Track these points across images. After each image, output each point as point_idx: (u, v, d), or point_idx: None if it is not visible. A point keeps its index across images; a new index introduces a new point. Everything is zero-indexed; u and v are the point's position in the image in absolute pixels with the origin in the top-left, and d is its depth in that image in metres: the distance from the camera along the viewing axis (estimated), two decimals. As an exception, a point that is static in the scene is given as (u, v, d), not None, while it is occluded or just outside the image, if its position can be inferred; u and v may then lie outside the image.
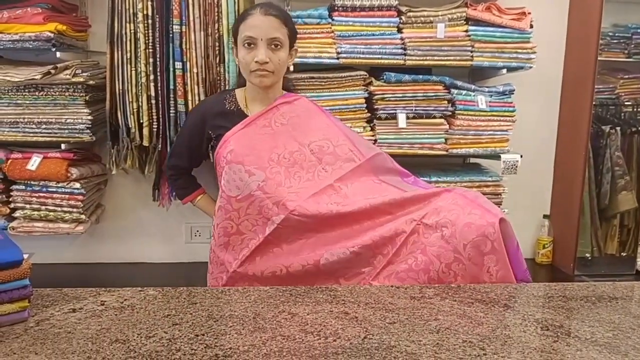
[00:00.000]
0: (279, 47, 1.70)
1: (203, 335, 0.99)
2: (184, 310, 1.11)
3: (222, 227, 1.70)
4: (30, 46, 2.14)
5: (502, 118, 2.41)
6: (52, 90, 2.21)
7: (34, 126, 2.24)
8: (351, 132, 1.89)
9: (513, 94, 2.44)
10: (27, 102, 2.22)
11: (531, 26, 2.37)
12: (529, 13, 2.37)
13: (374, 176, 1.75)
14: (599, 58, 2.51)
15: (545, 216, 2.83)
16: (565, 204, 2.74)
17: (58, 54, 2.18)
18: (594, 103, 2.56)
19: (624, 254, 2.96)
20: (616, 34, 2.90)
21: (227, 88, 2.18)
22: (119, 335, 0.99)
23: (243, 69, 1.74)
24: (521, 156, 2.39)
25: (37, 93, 2.21)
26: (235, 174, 1.66)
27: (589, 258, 2.84)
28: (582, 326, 1.07)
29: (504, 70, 2.42)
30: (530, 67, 2.41)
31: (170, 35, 2.17)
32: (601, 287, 1.30)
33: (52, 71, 2.14)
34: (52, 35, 2.12)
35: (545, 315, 1.12)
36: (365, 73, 2.36)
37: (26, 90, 2.21)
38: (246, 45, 1.69)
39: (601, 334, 1.03)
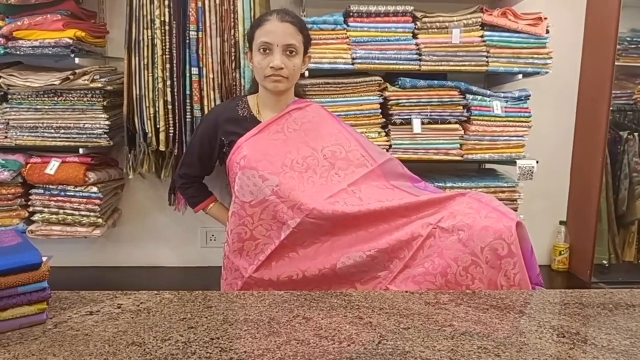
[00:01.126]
0: (294, 53, 1.71)
1: (218, 338, 1.00)
2: (200, 313, 1.12)
3: (236, 232, 1.71)
4: (50, 52, 2.18)
5: (517, 123, 2.40)
6: (70, 95, 2.24)
7: (52, 131, 2.27)
8: (362, 137, 1.90)
9: (529, 99, 2.43)
10: (47, 107, 2.25)
11: (547, 31, 2.36)
12: (545, 18, 2.36)
13: (385, 181, 1.76)
14: (616, 63, 2.48)
15: (561, 222, 2.80)
16: (582, 210, 2.71)
17: (77, 60, 2.22)
18: (611, 108, 2.53)
19: (642, 261, 2.92)
20: (634, 39, 2.87)
21: (242, 94, 2.19)
22: (135, 338, 1.00)
23: (257, 74, 1.76)
24: (537, 162, 2.37)
25: (56, 98, 2.24)
26: (249, 180, 1.67)
27: (606, 265, 2.80)
28: (599, 333, 1.06)
29: (520, 76, 2.41)
30: (547, 73, 2.40)
31: (187, 41, 2.20)
32: (618, 294, 1.29)
33: (71, 77, 2.17)
34: (71, 41, 2.16)
35: (562, 322, 1.11)
36: (380, 78, 2.36)
37: (45, 96, 2.24)
38: (262, 50, 1.70)
39: (618, 341, 1.02)
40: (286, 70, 1.70)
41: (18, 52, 2.20)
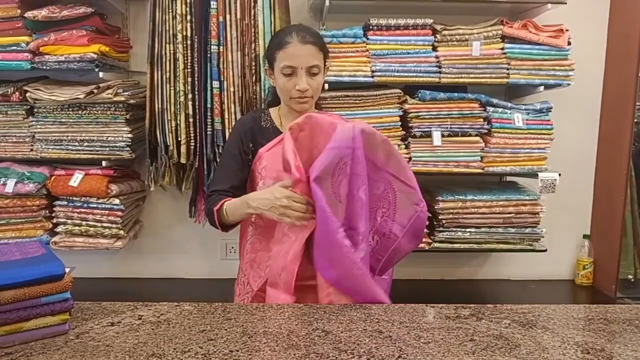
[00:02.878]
0: (317, 73, 1.72)
1: (237, 351, 1.00)
2: (219, 325, 1.12)
3: (251, 242, 1.72)
4: (75, 67, 2.23)
5: (539, 136, 2.37)
6: (94, 109, 2.28)
7: (76, 144, 2.31)
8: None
9: (551, 111, 2.40)
10: (71, 120, 2.29)
11: (569, 43, 2.34)
12: (567, 30, 2.34)
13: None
14: (640, 74, 2.45)
15: (585, 236, 2.76)
16: (607, 224, 2.67)
17: (101, 74, 2.26)
18: (635, 120, 2.49)
19: (669, 276, 2.86)
20: (658, 50, 2.83)
21: (262, 106, 2.21)
22: (156, 349, 1.01)
23: (283, 94, 1.75)
24: (560, 174, 2.34)
25: (80, 112, 2.28)
26: None
27: (632, 280, 2.74)
28: (624, 350, 1.04)
29: (542, 88, 2.39)
30: (569, 85, 2.37)
31: (208, 55, 2.23)
32: (644, 310, 1.26)
33: (95, 91, 2.21)
34: (95, 56, 2.20)
35: (586, 338, 1.09)
36: (400, 91, 2.36)
37: (70, 109, 2.28)
38: (285, 73, 1.70)
39: (645, 358, 1.00)
40: (311, 91, 1.71)
41: (44, 67, 2.25)
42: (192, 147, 2.28)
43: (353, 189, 1.48)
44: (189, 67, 2.23)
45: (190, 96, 2.24)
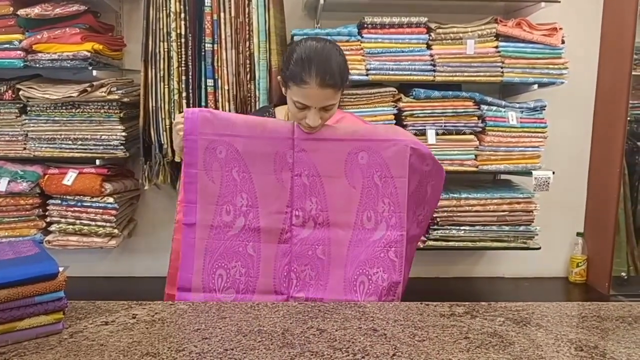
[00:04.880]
0: (330, 108, 1.60)
1: (232, 349, 1.00)
2: (214, 324, 1.12)
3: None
4: (68, 65, 2.21)
5: (533, 134, 2.38)
6: (88, 107, 2.27)
7: (70, 142, 2.30)
8: None
9: (545, 109, 2.41)
10: (64, 119, 2.28)
11: (563, 42, 2.35)
12: (561, 29, 2.35)
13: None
14: (633, 73, 2.46)
15: (578, 234, 2.77)
16: (600, 222, 2.68)
17: (94, 73, 2.25)
18: (628, 119, 2.51)
19: (662, 274, 2.87)
20: (651, 49, 2.84)
21: (257, 105, 2.21)
22: (150, 348, 1.00)
23: (292, 116, 1.66)
24: (553, 173, 2.35)
25: (73, 110, 2.27)
26: None
27: (625, 277, 2.76)
28: (617, 347, 1.04)
29: (536, 86, 2.39)
30: (562, 83, 2.38)
31: (203, 53, 2.22)
32: (638, 307, 1.27)
33: (89, 89, 2.21)
34: (89, 54, 2.19)
35: (579, 335, 1.10)
36: (395, 89, 2.36)
37: (63, 108, 2.27)
38: (298, 107, 1.57)
39: (638, 355, 1.00)
40: (321, 123, 1.60)
41: (37, 65, 2.23)
42: (187, 146, 2.27)
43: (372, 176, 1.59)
44: (183, 65, 2.22)
45: (184, 94, 2.23)
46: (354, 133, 1.62)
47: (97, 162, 2.31)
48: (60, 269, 1.10)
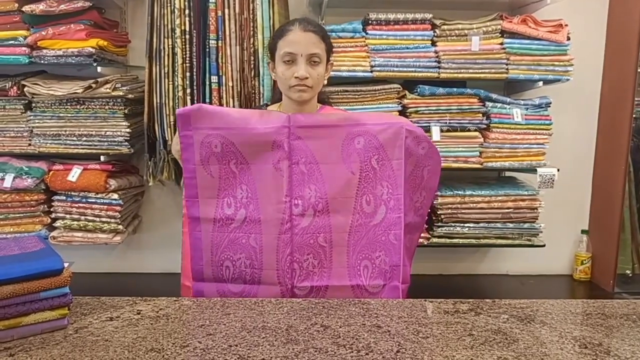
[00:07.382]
0: (317, 62, 1.69)
1: (236, 346, 1.00)
2: (218, 320, 1.13)
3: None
4: (73, 61, 2.22)
5: (538, 131, 2.37)
6: (92, 103, 2.28)
7: (75, 138, 2.31)
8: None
9: (550, 106, 2.40)
10: (69, 115, 2.29)
11: (568, 38, 2.34)
12: (566, 25, 2.33)
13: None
14: (639, 70, 2.45)
15: (583, 231, 2.76)
16: (605, 219, 2.67)
17: (99, 69, 2.25)
18: (634, 116, 2.50)
19: (667, 271, 2.86)
20: (657, 46, 2.82)
21: (261, 102, 2.21)
22: (155, 344, 1.01)
23: (282, 84, 1.74)
24: (558, 170, 2.34)
25: (78, 106, 2.28)
26: None
27: (630, 275, 2.75)
28: (622, 345, 1.04)
29: (541, 83, 2.39)
30: (568, 80, 2.37)
31: (207, 50, 2.22)
32: (642, 305, 1.26)
33: (93, 85, 2.21)
34: (93, 50, 2.19)
35: (584, 332, 1.09)
36: (399, 86, 2.36)
37: (68, 104, 2.28)
38: (285, 61, 1.68)
39: (642, 353, 1.00)
40: (311, 80, 1.68)
41: (42, 61, 2.24)
42: (191, 142, 2.28)
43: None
44: (187, 61, 2.22)
45: (188, 91, 2.23)
46: (348, 119, 1.65)
47: (102, 158, 2.32)
48: (65, 265, 1.10)
